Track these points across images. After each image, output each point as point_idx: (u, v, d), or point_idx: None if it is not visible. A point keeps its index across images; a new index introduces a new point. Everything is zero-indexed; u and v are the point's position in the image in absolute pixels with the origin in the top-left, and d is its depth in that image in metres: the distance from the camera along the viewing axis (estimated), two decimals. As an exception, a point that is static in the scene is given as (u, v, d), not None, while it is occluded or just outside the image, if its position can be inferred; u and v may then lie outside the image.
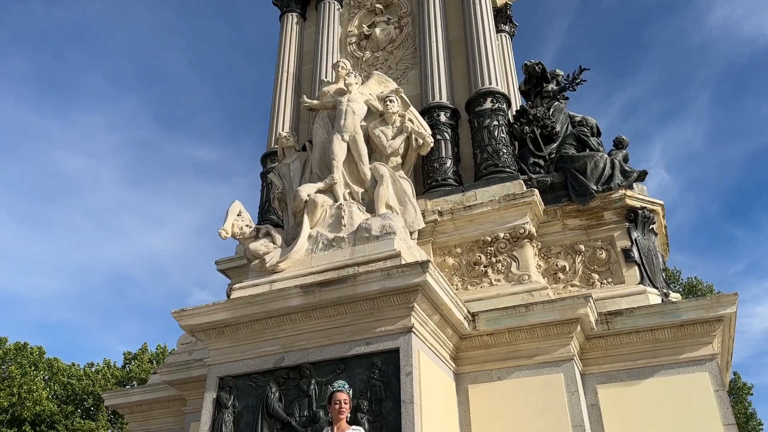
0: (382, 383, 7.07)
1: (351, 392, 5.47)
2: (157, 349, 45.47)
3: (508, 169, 10.24)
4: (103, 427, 41.79)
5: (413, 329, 7.24)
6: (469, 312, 8.20)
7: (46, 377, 43.20)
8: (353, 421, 6.40)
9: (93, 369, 45.13)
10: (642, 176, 9.83)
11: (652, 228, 9.51)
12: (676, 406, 7.62)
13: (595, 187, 9.53)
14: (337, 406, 5.30)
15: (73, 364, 45.34)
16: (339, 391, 5.37)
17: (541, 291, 8.49)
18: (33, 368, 41.40)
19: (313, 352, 7.60)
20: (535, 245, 9.42)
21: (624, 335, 8.12)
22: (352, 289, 7.44)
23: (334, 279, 7.59)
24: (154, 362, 40.85)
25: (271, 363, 7.75)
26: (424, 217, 9.54)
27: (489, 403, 7.90)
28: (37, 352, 42.90)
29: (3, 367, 40.29)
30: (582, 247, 9.41)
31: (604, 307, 8.37)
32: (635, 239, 9.19)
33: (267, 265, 8.40)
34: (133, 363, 45.56)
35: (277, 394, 7.48)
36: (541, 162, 10.54)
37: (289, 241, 8.67)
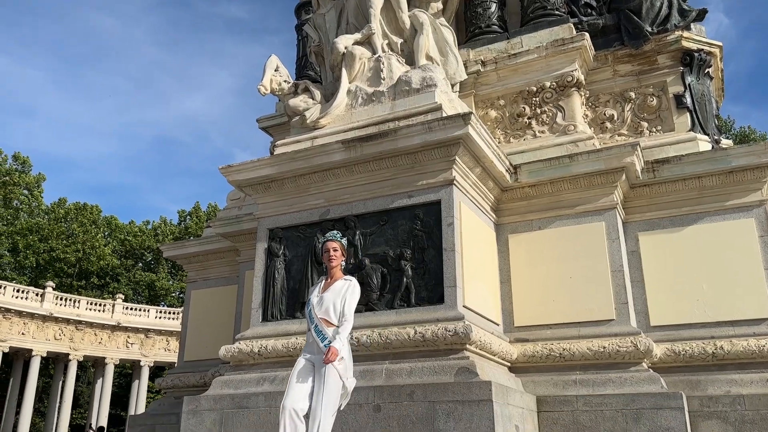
0: (424, 233, 7.28)
1: (345, 242, 5.15)
2: (208, 207, 47.47)
3: (557, 12, 9.64)
4: (164, 278, 44.99)
5: (454, 182, 7.28)
6: (511, 164, 8.15)
7: (106, 234, 45.97)
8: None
9: (149, 226, 47.69)
10: (701, 15, 9.13)
11: (708, 72, 9.00)
12: (718, 252, 7.67)
13: (650, 29, 8.94)
14: (326, 255, 5.03)
15: (132, 222, 47.93)
16: (329, 240, 5.07)
17: (586, 141, 8.32)
18: (93, 226, 43.98)
19: (357, 205, 7.79)
20: (582, 94, 9.08)
21: (670, 183, 8.01)
22: (393, 143, 7.43)
23: (375, 134, 7.57)
24: (207, 220, 42.79)
25: (316, 216, 8.00)
26: (466, 68, 9.21)
27: (528, 252, 8.09)
28: (95, 211, 45.30)
29: (66, 225, 42.86)
30: (632, 94, 9.04)
31: (652, 156, 8.19)
32: (689, 84, 8.75)
33: (308, 121, 8.39)
34: (188, 220, 47.88)
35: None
36: (593, 3, 9.86)
37: (328, 97, 8.56)
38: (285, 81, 8.82)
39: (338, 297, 4.80)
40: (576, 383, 7.17)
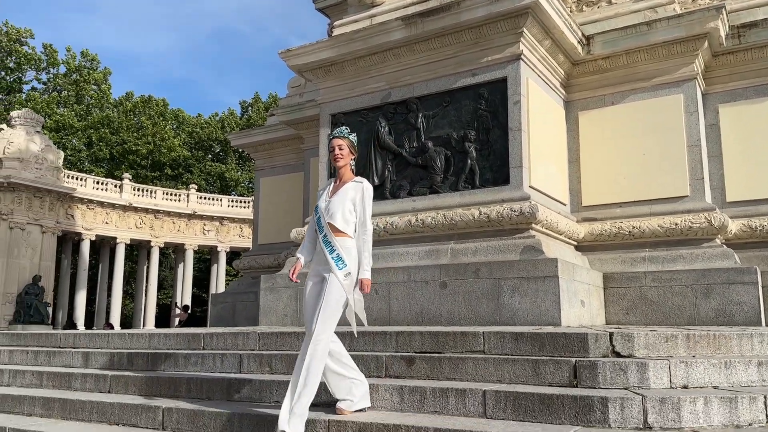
0: (489, 113, 7.08)
1: (354, 138, 4.31)
2: (268, 97, 47.66)
3: None
4: (233, 169, 46.35)
5: (522, 56, 6.95)
6: (583, 35, 7.66)
7: (174, 126, 47.20)
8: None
9: (217, 118, 48.54)
10: None
11: None
12: (807, 123, 7.15)
13: None
14: (332, 154, 4.28)
15: (199, 115, 48.88)
16: (335, 137, 4.31)
17: (666, 6, 7.66)
18: (161, 119, 45.16)
19: (419, 86, 7.60)
20: (662, -48, 8.27)
21: (757, 50, 7.39)
22: (456, 17, 7.08)
23: (436, 8, 7.21)
24: (267, 111, 42.99)
25: (378, 99, 7.89)
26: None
27: (599, 129, 7.78)
28: (162, 104, 46.32)
29: (135, 118, 44.18)
30: (720, -50, 8.17)
31: (738, 20, 7.52)
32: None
33: (365, -2, 8.05)
34: (249, 111, 48.42)
35: (386, 128, 7.74)
36: None
37: (386, -29, 8.13)
38: (340, -44, 8.40)
39: (347, 201, 4.10)
40: (645, 260, 7.11)
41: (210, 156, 47.58)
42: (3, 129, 27.23)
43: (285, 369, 4.89)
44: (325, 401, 4.14)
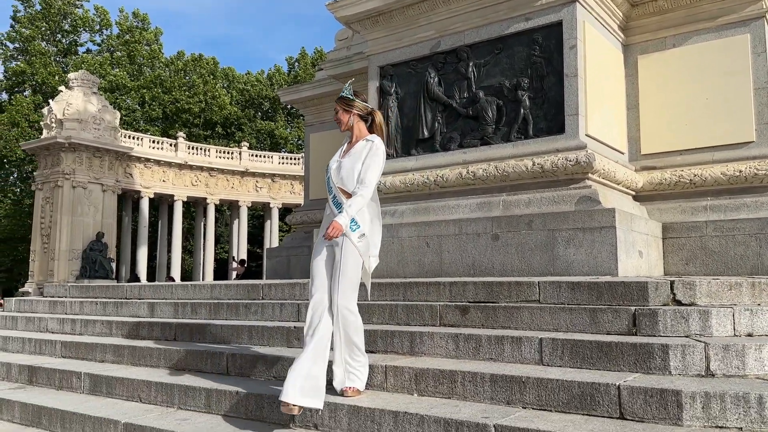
0: (543, 59, 6.87)
1: (348, 91, 4.01)
2: (314, 52, 47.45)
3: None
4: (282, 127, 46.71)
5: (577, -1, 6.68)
6: (642, -26, 7.29)
7: (225, 85, 47.69)
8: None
9: (264, 75, 48.76)
10: None
11: None
12: None
13: None
14: (336, 116, 4.10)
15: (248, 72, 49.19)
16: (337, 99, 4.08)
17: (734, -62, 7.18)
18: (212, 77, 45.65)
19: (469, 33, 7.43)
20: None
21: (836, -18, 6.87)
22: (508, -41, 6.83)
23: (488, -49, 6.96)
24: (315, 66, 42.82)
25: (427, 49, 7.75)
26: None
27: (660, 73, 7.46)
28: (212, 63, 46.74)
29: (186, 77, 44.80)
30: None
31: (816, -50, 6.98)
32: None
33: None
34: (296, 67, 48.40)
35: (436, 79, 7.63)
36: None
37: None
38: None
39: (357, 161, 3.88)
40: (706, 209, 6.88)
41: (260, 114, 48.02)
42: (62, 91, 28.08)
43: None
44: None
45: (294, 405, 3.45)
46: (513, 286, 4.69)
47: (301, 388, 3.46)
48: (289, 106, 39.53)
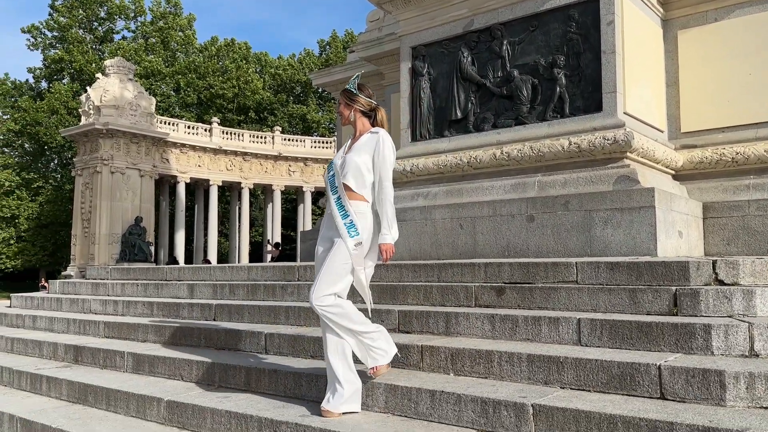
0: (579, 36, 6.73)
1: (353, 84, 3.80)
2: (345, 34, 47.35)
3: None
4: (314, 111, 46.86)
5: (615, -28, 6.50)
6: (683, -55, 7.06)
7: (257, 69, 47.96)
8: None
9: (295, 59, 48.88)
10: None
11: None
12: None
13: None
14: (338, 108, 3.92)
15: (280, 57, 49.39)
16: (341, 91, 3.87)
17: None
18: (244, 62, 45.96)
19: (503, 11, 7.31)
20: None
21: None
22: (543, -66, 6.67)
23: (522, -74, 6.82)
24: (346, 49, 42.75)
25: (460, 28, 7.66)
26: None
27: (701, 49, 7.24)
28: (245, 48, 47.04)
29: (220, 63, 45.18)
30: None
31: None
32: None
33: None
34: (327, 50, 48.38)
35: (469, 58, 7.54)
36: None
37: None
38: None
39: (362, 153, 3.64)
40: (748, 188, 6.69)
41: (291, 98, 48.23)
42: (99, 78, 28.61)
43: (374, 297, 5.03)
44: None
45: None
46: (550, 267, 4.65)
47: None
48: (320, 90, 39.61)
